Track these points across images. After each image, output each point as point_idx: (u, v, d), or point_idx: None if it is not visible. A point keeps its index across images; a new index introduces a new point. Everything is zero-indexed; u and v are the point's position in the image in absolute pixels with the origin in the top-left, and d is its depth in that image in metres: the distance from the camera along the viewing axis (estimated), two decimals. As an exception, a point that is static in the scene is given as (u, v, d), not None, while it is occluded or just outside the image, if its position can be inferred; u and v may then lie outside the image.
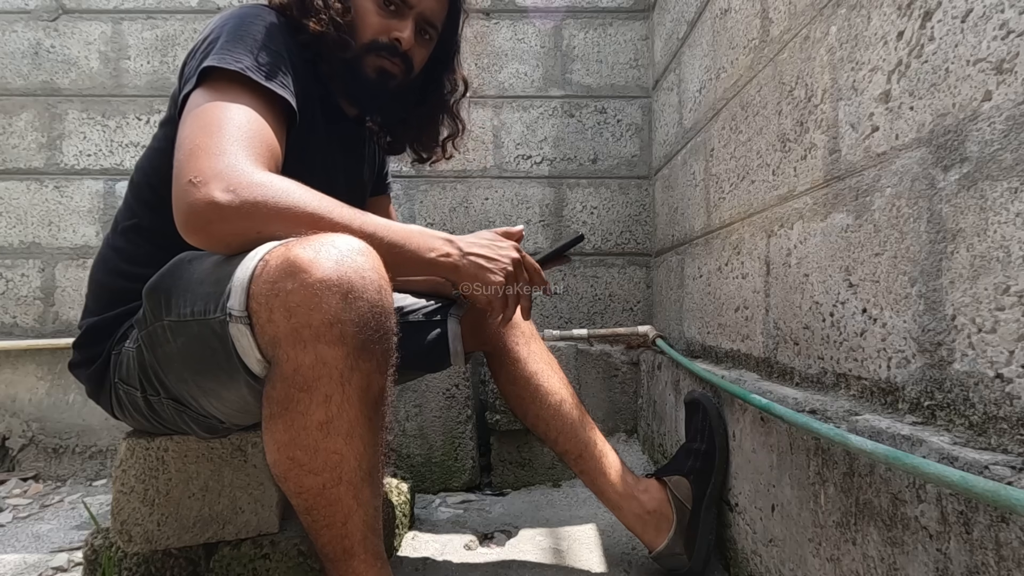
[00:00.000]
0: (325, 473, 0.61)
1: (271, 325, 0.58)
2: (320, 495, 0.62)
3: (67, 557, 1.12)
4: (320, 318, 0.56)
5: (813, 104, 0.82)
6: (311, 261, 0.57)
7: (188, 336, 0.65)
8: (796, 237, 0.86)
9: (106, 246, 0.85)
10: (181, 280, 0.67)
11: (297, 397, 0.58)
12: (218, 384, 0.67)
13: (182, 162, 0.64)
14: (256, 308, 0.58)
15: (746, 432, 0.93)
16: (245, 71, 0.69)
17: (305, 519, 0.66)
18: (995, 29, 0.51)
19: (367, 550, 0.67)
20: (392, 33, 0.84)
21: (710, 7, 1.26)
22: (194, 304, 0.64)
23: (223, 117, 0.66)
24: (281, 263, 0.57)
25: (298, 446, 0.60)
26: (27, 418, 1.68)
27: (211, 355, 0.64)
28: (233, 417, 0.74)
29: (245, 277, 0.59)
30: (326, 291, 0.56)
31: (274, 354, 0.59)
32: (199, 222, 0.61)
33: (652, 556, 0.95)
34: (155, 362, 0.70)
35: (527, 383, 0.98)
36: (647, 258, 1.86)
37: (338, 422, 0.60)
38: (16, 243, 1.77)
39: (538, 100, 1.85)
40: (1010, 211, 0.49)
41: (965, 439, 0.53)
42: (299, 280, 0.56)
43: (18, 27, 1.79)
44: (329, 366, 0.57)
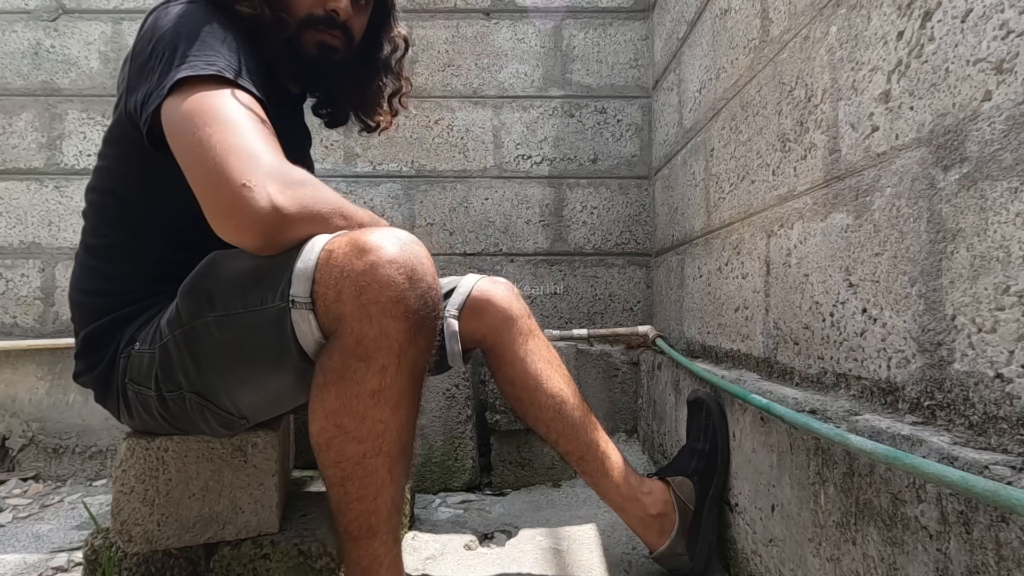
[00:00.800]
0: (368, 441, 0.66)
1: (338, 304, 0.62)
2: (359, 464, 0.66)
3: (67, 557, 1.12)
4: (388, 295, 0.62)
5: (813, 104, 0.82)
6: (379, 246, 0.63)
7: (237, 328, 0.68)
8: (796, 237, 0.86)
9: (79, 265, 0.84)
10: (222, 279, 0.69)
11: (355, 366, 0.63)
12: (259, 373, 0.70)
13: (219, 165, 0.62)
14: (322, 291, 0.63)
15: (746, 432, 0.93)
16: (222, 72, 0.68)
17: (337, 492, 0.68)
18: (995, 29, 0.51)
19: (389, 530, 0.70)
20: (328, 4, 0.82)
21: (710, 7, 1.26)
22: (245, 298, 0.67)
23: (232, 116, 0.65)
24: (351, 248, 0.63)
25: (347, 413, 0.64)
26: (27, 418, 1.68)
27: (260, 344, 0.67)
28: (259, 410, 0.76)
29: (309, 268, 0.64)
30: (395, 272, 0.62)
31: (337, 328, 0.63)
32: (263, 228, 0.62)
33: (653, 556, 0.95)
34: (189, 358, 0.72)
35: (525, 384, 0.95)
36: (647, 258, 1.86)
37: (389, 392, 0.64)
38: (16, 243, 1.77)
39: (538, 100, 1.85)
40: (1010, 211, 0.49)
41: (965, 439, 0.53)
42: (370, 261, 0.62)
43: (18, 27, 1.79)
44: (391, 339, 0.63)
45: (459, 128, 1.84)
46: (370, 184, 1.84)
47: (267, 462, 0.84)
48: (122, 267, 0.82)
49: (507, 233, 1.84)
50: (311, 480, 1.20)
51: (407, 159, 1.84)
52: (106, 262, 0.82)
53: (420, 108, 1.84)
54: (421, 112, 1.84)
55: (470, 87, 1.84)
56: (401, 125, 1.85)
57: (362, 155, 1.84)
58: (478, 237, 1.83)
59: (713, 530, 0.97)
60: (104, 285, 0.82)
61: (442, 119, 1.84)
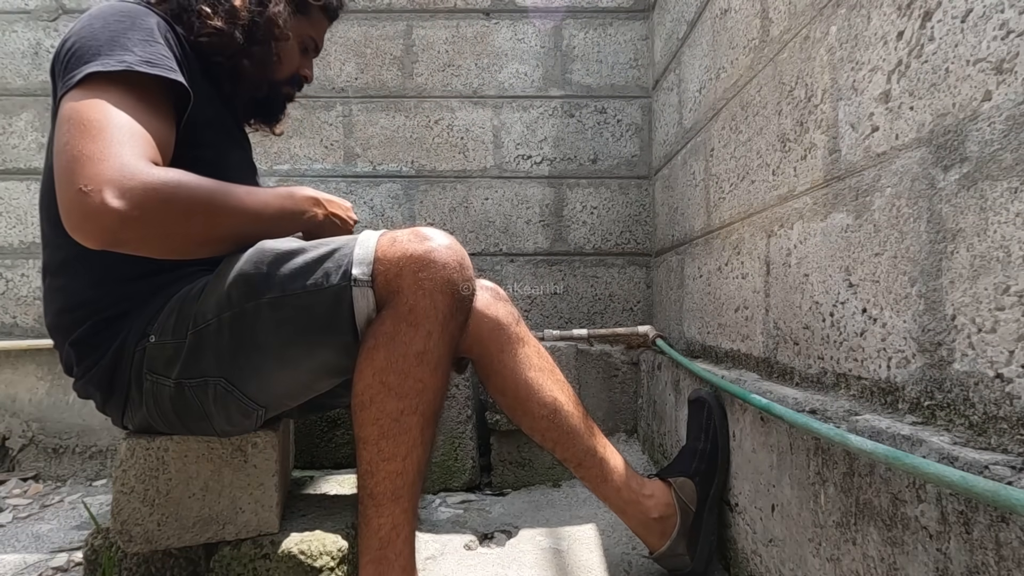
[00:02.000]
0: (408, 399, 0.73)
1: (398, 279, 0.73)
2: (396, 421, 0.73)
3: (67, 557, 1.12)
4: (442, 275, 0.73)
5: (813, 104, 0.82)
6: (435, 236, 0.76)
7: (293, 307, 0.74)
8: (796, 237, 0.86)
9: (49, 290, 0.83)
10: (279, 262, 0.75)
11: (405, 330, 0.73)
12: (305, 352, 0.76)
13: (67, 169, 0.64)
14: (384, 268, 0.73)
15: (746, 432, 0.93)
16: (130, 67, 0.70)
17: (370, 451, 0.74)
18: (995, 29, 0.51)
19: (411, 498, 0.75)
20: (303, 70, 1.01)
21: (710, 7, 1.26)
22: (305, 279, 0.74)
23: (103, 119, 0.67)
24: (413, 236, 0.75)
25: (393, 370, 0.72)
26: (27, 418, 1.68)
27: (314, 321, 0.74)
28: (284, 396, 0.81)
29: (368, 253, 0.74)
30: (449, 256, 0.74)
31: (393, 299, 0.73)
32: (98, 230, 0.64)
33: (653, 557, 0.95)
34: (232, 341, 0.75)
35: (516, 394, 0.92)
36: (647, 258, 1.86)
37: (431, 355, 0.74)
38: (16, 243, 1.77)
39: (538, 100, 1.85)
40: (1010, 211, 0.49)
41: (965, 439, 0.53)
42: (429, 247, 0.74)
43: (18, 27, 1.79)
44: (438, 310, 0.73)
45: (459, 128, 1.84)
46: (370, 184, 1.84)
47: (267, 462, 0.84)
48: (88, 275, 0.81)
49: (507, 233, 1.84)
50: (311, 480, 1.20)
51: (407, 159, 1.84)
52: (73, 277, 0.81)
53: (420, 108, 1.84)
54: (421, 112, 1.84)
55: (470, 87, 1.84)
56: (401, 125, 1.85)
57: (362, 155, 1.84)
58: (478, 237, 1.83)
59: (713, 530, 0.97)
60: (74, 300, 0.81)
61: (442, 119, 1.84)
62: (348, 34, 1.84)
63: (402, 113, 1.85)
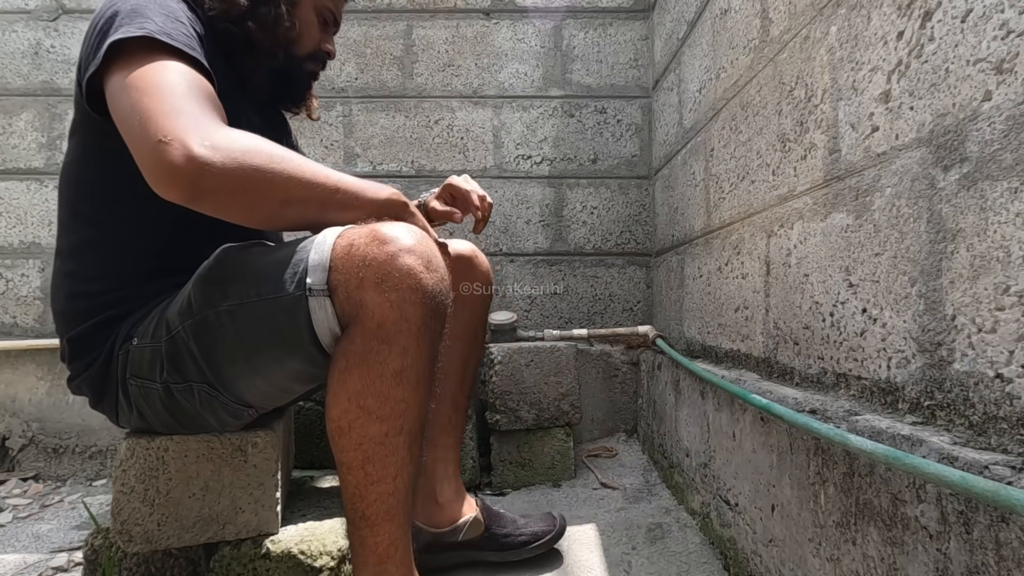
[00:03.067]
0: (390, 421, 0.68)
1: (360, 291, 0.66)
2: (381, 444, 0.68)
3: (67, 557, 1.12)
4: (408, 283, 0.66)
5: (813, 104, 0.82)
6: (397, 237, 0.67)
7: (251, 317, 0.70)
8: (796, 237, 0.86)
9: (58, 274, 0.84)
10: (236, 269, 0.72)
11: (377, 348, 0.66)
12: (270, 361, 0.72)
13: (141, 127, 0.63)
14: (344, 279, 0.66)
15: (746, 432, 0.93)
16: (155, 35, 0.69)
17: (356, 476, 0.69)
18: (995, 29, 0.51)
19: (405, 513, 0.72)
20: (324, 45, 0.97)
21: (710, 7, 1.26)
22: (260, 287, 0.69)
23: (160, 78, 0.66)
24: (371, 239, 0.67)
25: (371, 393, 0.67)
26: (27, 418, 1.68)
27: (273, 332, 0.70)
28: (267, 398, 0.78)
29: (324, 258, 0.67)
30: (414, 262, 0.66)
31: (358, 314, 0.66)
32: (179, 179, 0.62)
33: None
34: (199, 349, 0.73)
35: None
36: (647, 258, 1.86)
37: (410, 372, 0.68)
38: (16, 243, 1.77)
39: (538, 100, 1.85)
40: (1010, 211, 0.49)
41: (965, 439, 0.53)
42: (389, 251, 0.66)
43: (18, 27, 1.79)
44: (410, 322, 0.66)
45: (459, 128, 1.84)
46: (370, 184, 1.84)
47: (267, 462, 0.84)
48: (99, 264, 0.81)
49: (507, 233, 1.84)
50: (311, 480, 1.20)
51: (407, 159, 1.84)
52: (84, 264, 0.82)
53: (420, 108, 1.84)
54: (421, 112, 1.84)
55: (470, 87, 1.84)
56: (401, 125, 1.85)
57: (362, 155, 1.84)
58: (478, 237, 1.83)
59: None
60: (84, 287, 0.81)
61: (442, 119, 1.84)
62: (348, 34, 1.84)
63: (402, 113, 1.85)
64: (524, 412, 1.47)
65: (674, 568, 1.02)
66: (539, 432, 1.49)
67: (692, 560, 1.05)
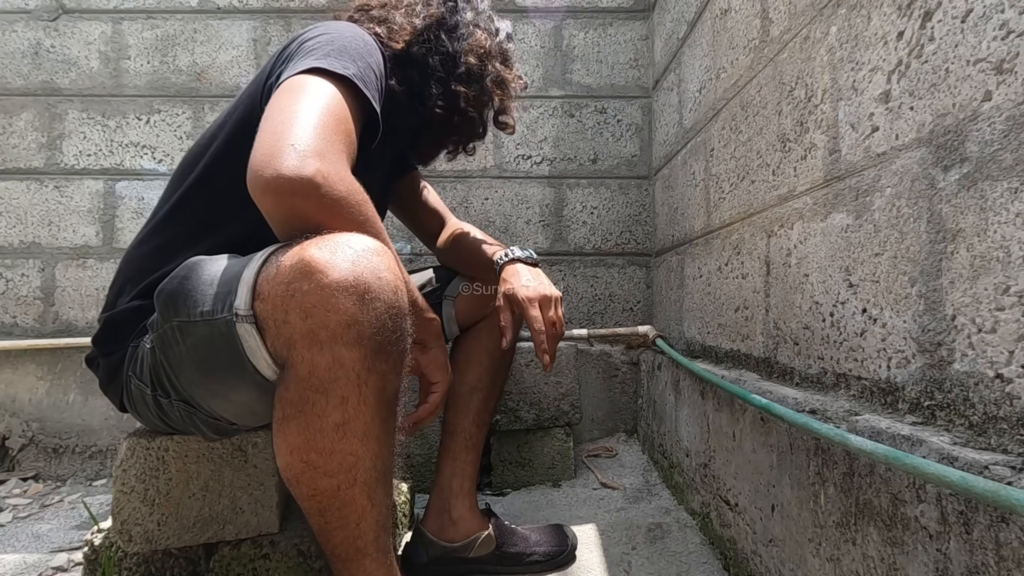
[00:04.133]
0: (340, 475, 0.61)
1: (287, 327, 0.58)
2: (335, 497, 0.62)
3: (67, 557, 1.12)
4: (337, 319, 0.57)
5: (813, 104, 0.82)
6: (327, 262, 0.57)
7: (196, 337, 0.65)
8: (796, 237, 0.86)
9: (139, 236, 0.85)
10: (190, 282, 0.66)
11: (313, 399, 0.59)
12: (225, 386, 0.67)
13: (284, 124, 0.63)
14: (270, 309, 0.59)
15: (746, 432, 0.93)
16: (352, 77, 0.71)
17: (317, 521, 0.65)
18: (995, 29, 0.51)
19: (378, 548, 0.67)
20: None
21: (710, 7, 1.26)
22: (203, 305, 0.64)
23: (329, 102, 0.68)
24: (296, 264, 0.58)
25: (313, 448, 0.60)
26: (27, 418, 1.68)
27: (217, 356, 0.64)
28: (243, 418, 0.74)
29: (251, 277, 0.61)
30: (343, 293, 0.57)
31: (289, 356, 0.60)
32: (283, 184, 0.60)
33: None
34: (166, 364, 0.70)
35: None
36: (647, 258, 1.86)
37: (354, 424, 0.60)
38: (16, 243, 1.77)
39: (538, 100, 1.85)
40: (1010, 211, 0.49)
41: (965, 439, 0.53)
42: (315, 281, 0.57)
43: (18, 27, 1.79)
44: (346, 368, 0.58)
45: (459, 128, 1.84)
46: (370, 184, 1.84)
47: (267, 462, 0.84)
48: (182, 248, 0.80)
49: (507, 233, 1.84)
50: (311, 480, 1.20)
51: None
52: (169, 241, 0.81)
53: (420, 108, 1.84)
54: (421, 112, 1.84)
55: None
56: (401, 125, 1.85)
57: (362, 155, 1.84)
58: (478, 237, 1.83)
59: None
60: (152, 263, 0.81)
61: (442, 119, 1.84)
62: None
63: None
64: (524, 412, 1.47)
65: (674, 568, 1.02)
66: (539, 432, 1.49)
67: (692, 560, 1.05)
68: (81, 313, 1.75)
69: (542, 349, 0.87)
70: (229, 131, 0.81)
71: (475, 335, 1.05)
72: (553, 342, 0.90)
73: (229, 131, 0.81)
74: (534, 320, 0.88)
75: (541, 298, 0.90)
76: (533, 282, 0.92)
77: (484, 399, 1.06)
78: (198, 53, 1.81)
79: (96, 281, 1.76)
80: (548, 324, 0.89)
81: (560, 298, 0.93)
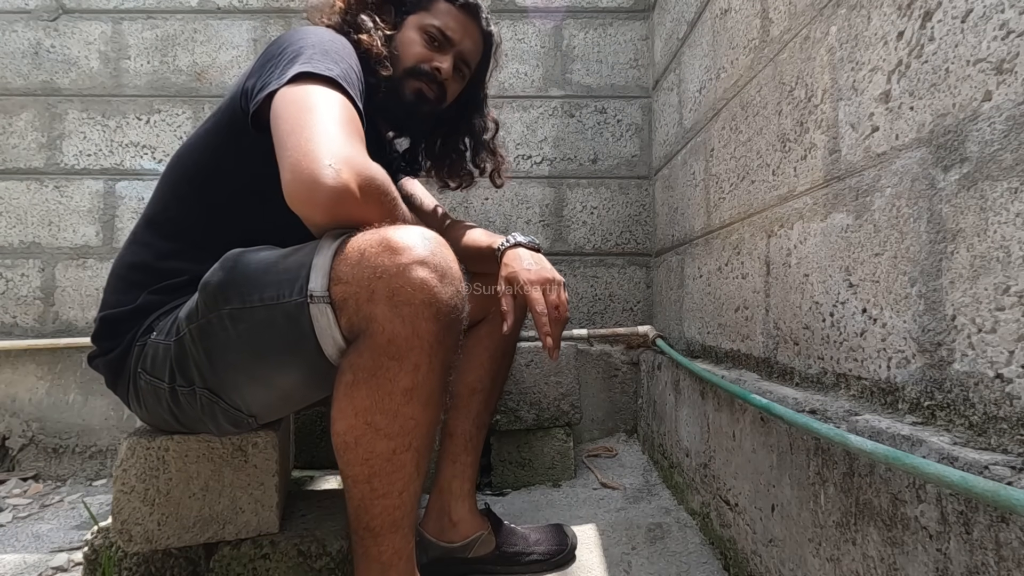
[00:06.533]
0: (398, 438, 0.67)
1: (370, 304, 0.64)
2: (388, 460, 0.67)
3: (67, 557, 1.12)
4: (420, 298, 0.64)
5: (813, 104, 0.82)
6: (410, 246, 0.65)
7: (252, 322, 0.69)
8: (796, 237, 0.86)
9: (132, 240, 0.87)
10: (241, 272, 0.70)
11: (387, 365, 0.65)
12: (273, 369, 0.71)
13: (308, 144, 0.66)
14: (354, 290, 0.65)
15: (746, 432, 0.93)
16: (337, 77, 0.73)
17: (362, 489, 0.69)
18: (995, 29, 0.51)
19: (409, 524, 0.71)
20: (433, 63, 0.96)
21: (710, 7, 1.26)
22: (262, 291, 0.68)
23: (335, 108, 0.70)
24: (383, 247, 0.64)
25: (379, 410, 0.66)
26: (27, 418, 1.68)
27: (273, 339, 0.69)
28: (268, 408, 0.78)
29: (325, 264, 0.66)
30: (428, 274, 0.64)
31: (367, 327, 0.65)
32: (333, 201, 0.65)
33: None
34: (203, 353, 0.72)
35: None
36: (647, 258, 1.86)
37: (421, 389, 0.66)
38: (16, 243, 1.77)
39: (538, 100, 1.85)
40: (1010, 211, 0.49)
41: (965, 439, 0.53)
42: (402, 263, 0.64)
43: (18, 27, 1.79)
44: (423, 339, 0.64)
45: (459, 128, 1.84)
46: (370, 184, 1.84)
47: (267, 462, 0.84)
48: (168, 245, 0.84)
49: (507, 234, 1.84)
50: (311, 480, 1.20)
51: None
52: (157, 238, 0.85)
53: (420, 108, 1.84)
54: (421, 112, 1.84)
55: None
56: (401, 125, 1.85)
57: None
58: (478, 237, 1.83)
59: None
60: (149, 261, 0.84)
61: (442, 119, 1.84)
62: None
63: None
64: (524, 412, 1.47)
65: (674, 568, 1.02)
66: (539, 432, 1.49)
67: (692, 560, 1.05)
68: (81, 313, 1.75)
69: (545, 332, 0.86)
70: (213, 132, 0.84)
71: (475, 336, 1.05)
72: (557, 326, 0.88)
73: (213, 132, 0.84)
74: (536, 302, 0.87)
75: (544, 281, 0.89)
76: (535, 265, 0.92)
77: (484, 400, 1.06)
78: (198, 53, 1.81)
79: (96, 281, 1.76)
80: (551, 307, 0.88)
81: (563, 283, 0.92)
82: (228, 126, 0.83)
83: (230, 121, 0.82)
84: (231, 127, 0.82)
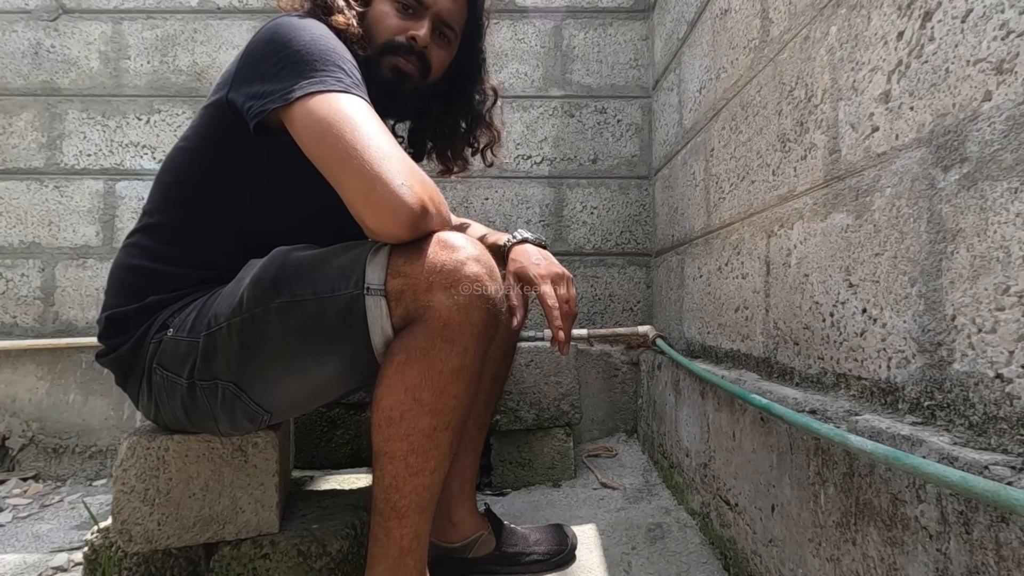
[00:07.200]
0: (441, 415, 0.71)
1: (428, 294, 0.69)
2: (428, 437, 0.71)
3: (67, 557, 1.12)
4: (475, 288, 0.70)
5: (813, 104, 0.82)
6: (463, 246, 0.71)
7: (301, 315, 0.72)
8: (796, 237, 0.86)
9: (130, 244, 0.87)
10: (293, 268, 0.74)
11: (440, 346, 0.70)
12: (315, 359, 0.74)
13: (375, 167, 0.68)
14: (412, 283, 0.70)
15: (746, 432, 0.93)
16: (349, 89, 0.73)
17: (397, 466, 0.71)
18: (995, 29, 0.51)
19: (432, 510, 0.74)
20: (408, 32, 0.89)
21: (710, 7, 1.26)
22: (315, 285, 0.72)
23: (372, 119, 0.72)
24: (439, 245, 0.71)
25: (428, 387, 0.70)
26: (27, 418, 1.68)
27: (321, 331, 0.72)
28: (292, 404, 0.80)
29: (383, 260, 0.71)
30: (480, 269, 0.71)
31: (423, 314, 0.70)
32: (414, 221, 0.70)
33: None
34: (240, 346, 0.74)
35: None
36: (647, 258, 1.86)
37: (467, 371, 0.71)
38: (16, 243, 1.77)
39: (538, 100, 1.85)
40: (1010, 211, 0.49)
41: (965, 439, 0.53)
42: (458, 258, 0.70)
43: (18, 27, 1.79)
44: (474, 326, 0.70)
45: (459, 128, 1.84)
46: (370, 184, 1.84)
47: (267, 462, 0.84)
48: (166, 249, 0.84)
49: (510, 231, 1.84)
50: (311, 480, 1.20)
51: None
52: (154, 242, 0.85)
53: (420, 108, 1.84)
54: (421, 112, 1.84)
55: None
56: (401, 125, 1.85)
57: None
58: (478, 237, 1.83)
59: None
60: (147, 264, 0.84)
61: (442, 119, 1.84)
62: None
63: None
64: (524, 412, 1.47)
65: (674, 568, 1.02)
66: (539, 432, 1.49)
67: (692, 560, 1.05)
68: (81, 313, 1.75)
69: (556, 326, 0.86)
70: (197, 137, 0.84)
71: None
72: (567, 320, 0.88)
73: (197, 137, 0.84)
74: (547, 296, 0.87)
75: (553, 275, 0.90)
76: (544, 261, 0.92)
77: (485, 401, 1.06)
78: (198, 53, 1.81)
79: (96, 281, 1.76)
80: (561, 301, 0.89)
81: (571, 278, 0.92)
82: (215, 129, 0.82)
83: (218, 124, 0.81)
84: (219, 131, 0.81)
